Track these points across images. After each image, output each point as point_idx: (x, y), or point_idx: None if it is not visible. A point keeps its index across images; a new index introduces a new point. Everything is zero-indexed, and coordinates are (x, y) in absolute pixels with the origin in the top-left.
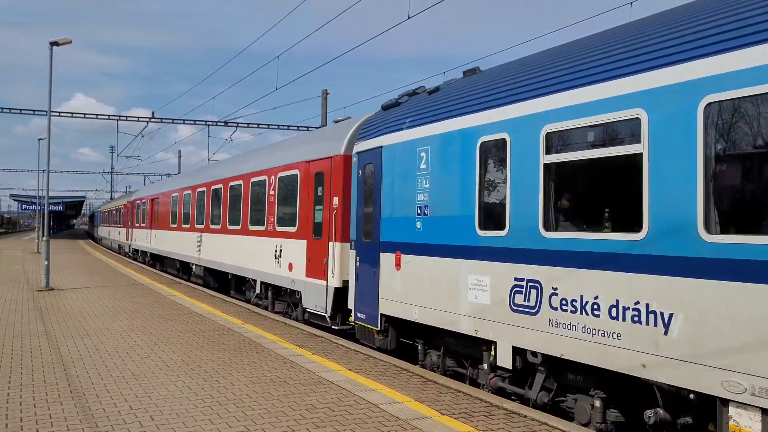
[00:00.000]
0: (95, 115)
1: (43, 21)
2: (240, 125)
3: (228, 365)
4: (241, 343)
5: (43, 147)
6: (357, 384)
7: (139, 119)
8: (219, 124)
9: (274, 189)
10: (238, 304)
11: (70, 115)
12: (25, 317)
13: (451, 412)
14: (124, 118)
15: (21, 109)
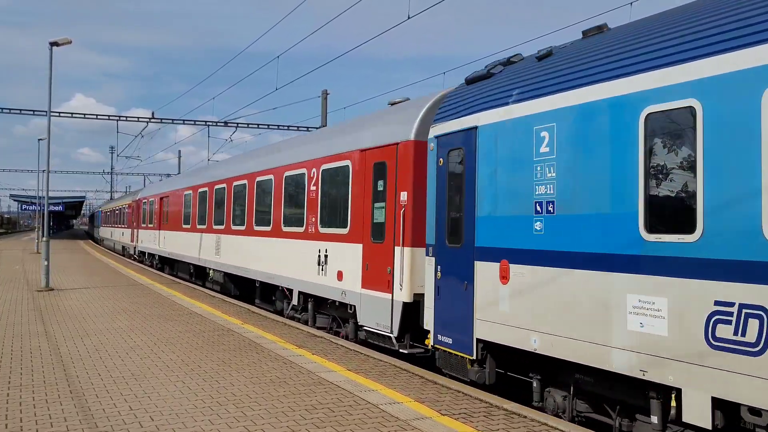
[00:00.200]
0: (95, 116)
1: (43, 21)
2: (240, 125)
3: (228, 365)
4: (240, 343)
5: (43, 147)
6: (357, 384)
7: (139, 119)
8: (219, 124)
9: (317, 183)
10: (237, 304)
11: (70, 115)
12: (24, 317)
13: (451, 413)
14: (124, 119)
15: (21, 110)
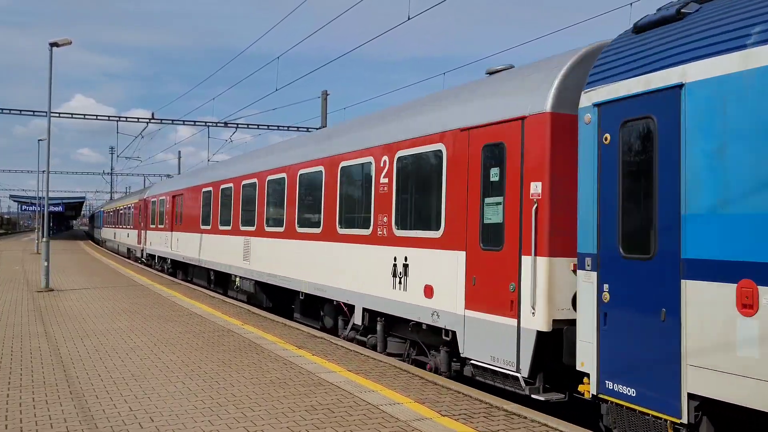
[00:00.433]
0: (95, 116)
1: (43, 21)
2: (240, 126)
3: (228, 366)
4: (240, 344)
5: (43, 148)
6: (357, 385)
7: (139, 120)
8: (219, 125)
9: (390, 175)
10: (236, 304)
11: (70, 115)
12: (24, 318)
13: (451, 413)
14: (124, 119)
15: (21, 110)
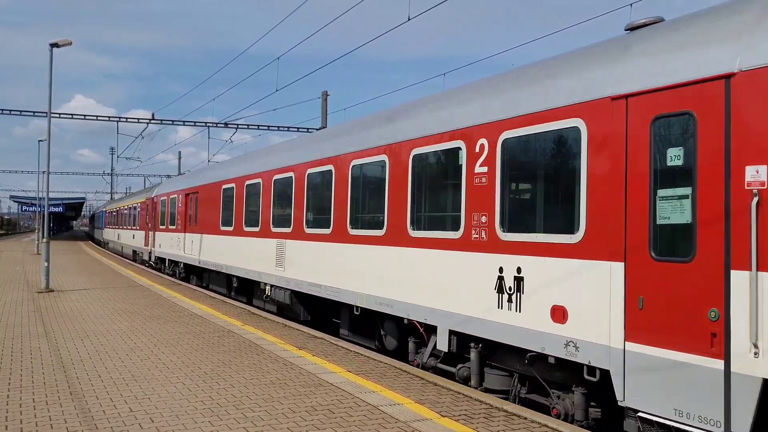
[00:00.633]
0: (95, 117)
1: (43, 21)
2: (240, 127)
3: (228, 367)
4: (241, 344)
5: (43, 148)
6: (357, 386)
7: (139, 120)
8: (219, 125)
9: (489, 162)
10: (235, 304)
11: (70, 116)
12: (25, 319)
13: (452, 414)
14: (124, 120)
15: (21, 111)
